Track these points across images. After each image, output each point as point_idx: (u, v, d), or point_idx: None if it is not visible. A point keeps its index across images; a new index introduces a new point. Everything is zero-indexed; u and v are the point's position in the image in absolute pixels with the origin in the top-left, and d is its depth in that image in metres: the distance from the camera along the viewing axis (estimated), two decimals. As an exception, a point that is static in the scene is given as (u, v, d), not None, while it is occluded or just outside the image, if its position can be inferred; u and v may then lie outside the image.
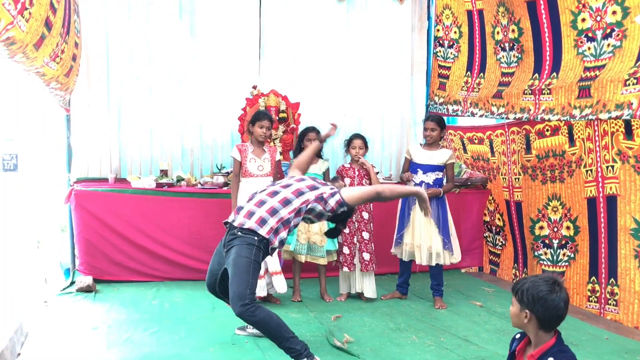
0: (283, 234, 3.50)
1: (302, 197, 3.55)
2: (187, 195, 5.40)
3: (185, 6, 6.13)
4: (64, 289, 4.98)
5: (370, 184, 4.93)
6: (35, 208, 6.24)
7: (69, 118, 5.69)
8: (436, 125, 4.86)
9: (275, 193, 3.57)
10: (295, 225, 3.63)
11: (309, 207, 3.55)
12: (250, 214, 3.49)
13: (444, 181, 4.95)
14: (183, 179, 5.65)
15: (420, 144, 5.04)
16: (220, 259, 3.61)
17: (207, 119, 6.25)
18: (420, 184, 4.83)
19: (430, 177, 4.86)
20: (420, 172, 4.88)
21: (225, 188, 5.51)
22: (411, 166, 4.97)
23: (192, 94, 6.18)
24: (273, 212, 3.48)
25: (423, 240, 4.82)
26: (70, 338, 3.81)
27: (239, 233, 3.45)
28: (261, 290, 4.60)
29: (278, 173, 5.22)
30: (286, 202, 3.51)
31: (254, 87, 6.05)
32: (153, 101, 6.07)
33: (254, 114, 4.90)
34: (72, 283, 5.06)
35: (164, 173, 5.77)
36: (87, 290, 4.87)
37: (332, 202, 3.55)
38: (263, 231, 3.42)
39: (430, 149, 4.92)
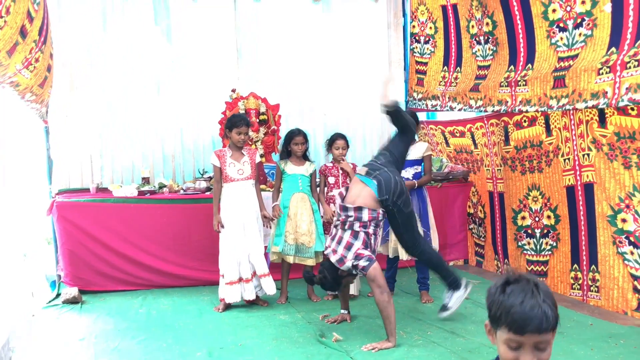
0: None
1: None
2: (170, 201, 5.38)
3: (160, 11, 6.13)
4: (50, 301, 4.96)
5: (352, 182, 4.99)
6: (20, 221, 6.20)
7: (47, 130, 5.67)
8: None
9: None
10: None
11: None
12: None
13: (423, 174, 4.99)
14: (165, 186, 5.63)
15: None
16: None
17: (188, 124, 6.25)
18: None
19: (409, 172, 4.91)
20: None
21: (208, 193, 5.48)
22: (390, 163, 5.00)
23: (171, 100, 6.18)
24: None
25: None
26: (58, 350, 3.80)
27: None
28: (249, 294, 4.61)
29: (260, 175, 5.21)
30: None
31: (233, 91, 6.04)
32: (132, 108, 6.06)
33: (230, 119, 4.71)
34: (58, 295, 5.03)
35: (146, 180, 5.75)
36: (73, 301, 4.85)
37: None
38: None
39: None
